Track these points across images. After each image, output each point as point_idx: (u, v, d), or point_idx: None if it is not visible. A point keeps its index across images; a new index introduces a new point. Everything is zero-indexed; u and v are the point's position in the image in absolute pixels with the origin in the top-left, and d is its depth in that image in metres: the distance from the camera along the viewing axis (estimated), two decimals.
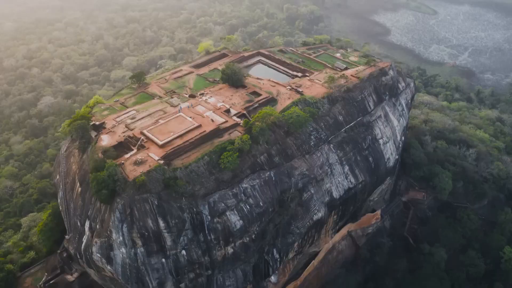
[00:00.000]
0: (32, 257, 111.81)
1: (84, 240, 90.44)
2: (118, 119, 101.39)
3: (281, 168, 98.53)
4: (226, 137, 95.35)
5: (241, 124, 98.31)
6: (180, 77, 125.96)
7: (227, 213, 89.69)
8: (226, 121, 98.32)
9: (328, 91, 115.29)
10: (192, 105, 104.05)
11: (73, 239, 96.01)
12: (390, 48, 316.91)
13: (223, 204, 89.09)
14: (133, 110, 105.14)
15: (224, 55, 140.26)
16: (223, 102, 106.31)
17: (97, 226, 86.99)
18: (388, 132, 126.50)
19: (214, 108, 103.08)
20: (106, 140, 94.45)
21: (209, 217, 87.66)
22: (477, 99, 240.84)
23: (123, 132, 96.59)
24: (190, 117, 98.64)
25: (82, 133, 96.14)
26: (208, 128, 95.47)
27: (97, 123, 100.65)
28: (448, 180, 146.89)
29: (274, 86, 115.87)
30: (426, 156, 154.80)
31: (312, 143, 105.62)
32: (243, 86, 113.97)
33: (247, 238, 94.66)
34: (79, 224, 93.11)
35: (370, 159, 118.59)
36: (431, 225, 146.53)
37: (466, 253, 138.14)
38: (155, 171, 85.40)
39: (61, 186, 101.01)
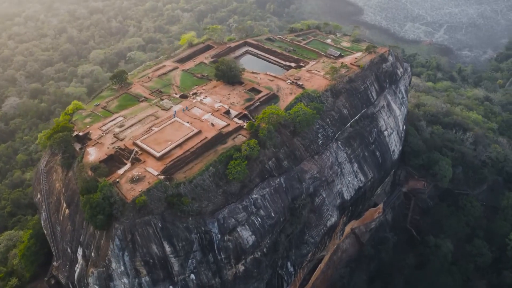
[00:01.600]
0: (15, 284, 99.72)
1: (77, 269, 79.74)
2: (104, 128, 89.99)
3: (291, 173, 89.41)
4: (230, 142, 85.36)
5: (244, 126, 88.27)
6: (165, 73, 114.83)
7: (238, 229, 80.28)
8: (228, 125, 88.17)
9: (330, 82, 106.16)
10: (187, 107, 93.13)
11: (63, 266, 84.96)
12: (365, 28, 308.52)
13: (233, 220, 79.57)
14: (120, 116, 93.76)
15: (209, 47, 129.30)
16: (220, 102, 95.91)
17: (92, 253, 76.32)
18: (392, 122, 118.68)
19: (212, 110, 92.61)
20: (93, 154, 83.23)
21: (219, 235, 78.07)
22: (460, 77, 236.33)
23: (112, 143, 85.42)
24: (188, 122, 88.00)
25: (65, 147, 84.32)
26: (209, 134, 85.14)
27: (80, 133, 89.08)
28: (448, 167, 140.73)
29: (272, 80, 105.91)
30: (424, 143, 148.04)
31: (320, 141, 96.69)
32: (240, 83, 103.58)
33: (259, 253, 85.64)
34: (69, 250, 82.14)
35: (377, 153, 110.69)
36: (434, 215, 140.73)
37: (472, 242, 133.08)
38: (156, 188, 75.00)
39: (43, 206, 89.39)
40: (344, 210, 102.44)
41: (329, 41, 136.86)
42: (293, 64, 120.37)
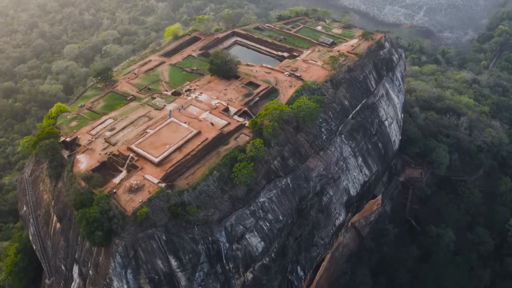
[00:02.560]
0: None
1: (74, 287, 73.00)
2: (93, 132, 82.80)
3: (297, 172, 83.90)
4: (232, 143, 79.18)
5: (246, 125, 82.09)
6: (151, 69, 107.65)
7: (247, 235, 74.70)
8: (229, 123, 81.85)
9: (329, 73, 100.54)
10: (183, 106, 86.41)
11: (57, 284, 78.16)
12: (343, 13, 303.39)
13: (241, 227, 73.87)
14: (110, 118, 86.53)
15: (196, 39, 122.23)
16: (217, 98, 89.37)
17: (90, 271, 69.81)
18: (391, 111, 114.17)
19: (210, 108, 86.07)
20: (84, 162, 76.15)
21: (227, 244, 72.34)
22: (444, 60, 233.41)
23: (104, 149, 78.39)
24: (185, 123, 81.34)
25: (52, 155, 76.92)
26: (209, 134, 78.76)
27: (67, 139, 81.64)
28: (445, 153, 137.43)
29: (269, 72, 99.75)
30: (419, 130, 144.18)
31: (324, 136, 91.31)
32: (236, 77, 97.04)
33: (267, 259, 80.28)
34: (63, 268, 75.40)
35: (380, 145, 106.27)
36: (433, 203, 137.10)
37: (474, 230, 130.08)
38: (158, 198, 68.53)
39: (31, 220, 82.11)
40: (350, 207, 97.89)
41: (319, 28, 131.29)
42: (285, 54, 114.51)
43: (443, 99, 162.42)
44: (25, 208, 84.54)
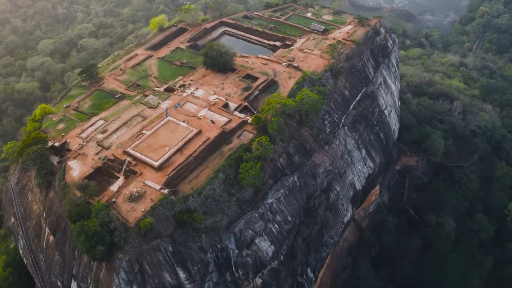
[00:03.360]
0: None
1: None
2: (84, 135, 76.63)
3: (304, 169, 79.29)
4: (236, 141, 73.97)
5: (249, 121, 76.96)
6: (138, 64, 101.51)
7: (256, 240, 70.06)
8: (230, 120, 76.50)
9: (328, 62, 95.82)
10: (179, 103, 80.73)
11: None
12: None
13: (250, 231, 69.15)
14: (100, 119, 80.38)
15: (182, 30, 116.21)
16: (215, 94, 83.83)
17: None
18: (390, 99, 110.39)
19: (208, 104, 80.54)
20: (77, 169, 70.15)
21: (236, 251, 67.60)
22: (428, 43, 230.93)
23: (97, 154, 72.44)
24: (184, 121, 75.75)
25: (41, 162, 70.71)
26: (211, 133, 73.37)
27: (56, 144, 75.36)
28: (440, 140, 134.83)
29: (266, 64, 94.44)
30: (413, 116, 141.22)
31: (328, 129, 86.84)
32: (232, 70, 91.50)
33: (276, 262, 75.70)
34: (60, 284, 69.76)
35: (381, 135, 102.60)
36: (430, 191, 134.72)
37: (474, 217, 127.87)
38: (161, 206, 63.07)
39: (20, 232, 75.94)
40: (356, 202, 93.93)
41: (309, 15, 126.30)
42: (278, 43, 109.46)
43: (434, 83, 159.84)
44: (12, 220, 78.27)
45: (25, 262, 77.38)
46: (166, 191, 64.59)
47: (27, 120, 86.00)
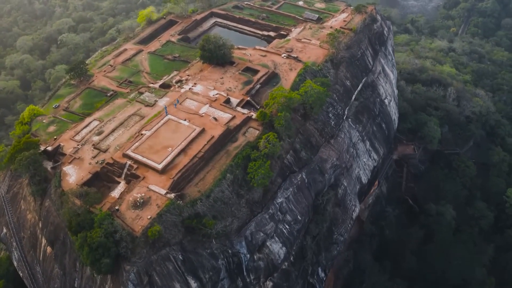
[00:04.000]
0: None
1: None
2: (78, 138, 71.92)
3: (311, 165, 75.85)
4: (241, 139, 70.03)
5: (254, 116, 73.02)
6: (129, 59, 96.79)
7: (268, 243, 66.63)
8: (234, 117, 72.40)
9: (328, 52, 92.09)
10: (178, 100, 76.32)
11: None
12: None
13: (261, 234, 65.66)
14: (94, 119, 75.63)
15: (172, 22, 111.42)
16: (215, 89, 79.51)
17: None
18: (389, 88, 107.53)
19: (209, 101, 76.26)
20: (73, 174, 65.64)
21: (248, 255, 64.16)
22: (415, 29, 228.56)
23: (94, 157, 67.90)
24: (185, 120, 71.45)
25: (34, 169, 65.92)
26: (215, 131, 69.26)
27: (49, 147, 70.55)
28: (436, 127, 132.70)
29: (265, 55, 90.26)
30: (408, 104, 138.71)
31: (333, 122, 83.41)
32: (231, 63, 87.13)
33: (286, 263, 72.33)
34: None
35: (384, 125, 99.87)
36: (428, 180, 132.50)
37: (473, 205, 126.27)
38: (169, 212, 59.06)
39: (14, 244, 71.19)
40: (361, 196, 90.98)
41: (301, 3, 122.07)
42: (272, 34, 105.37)
43: (426, 70, 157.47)
44: (5, 230, 73.38)
45: (21, 274, 72.66)
46: (172, 195, 60.51)
47: (15, 123, 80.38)
